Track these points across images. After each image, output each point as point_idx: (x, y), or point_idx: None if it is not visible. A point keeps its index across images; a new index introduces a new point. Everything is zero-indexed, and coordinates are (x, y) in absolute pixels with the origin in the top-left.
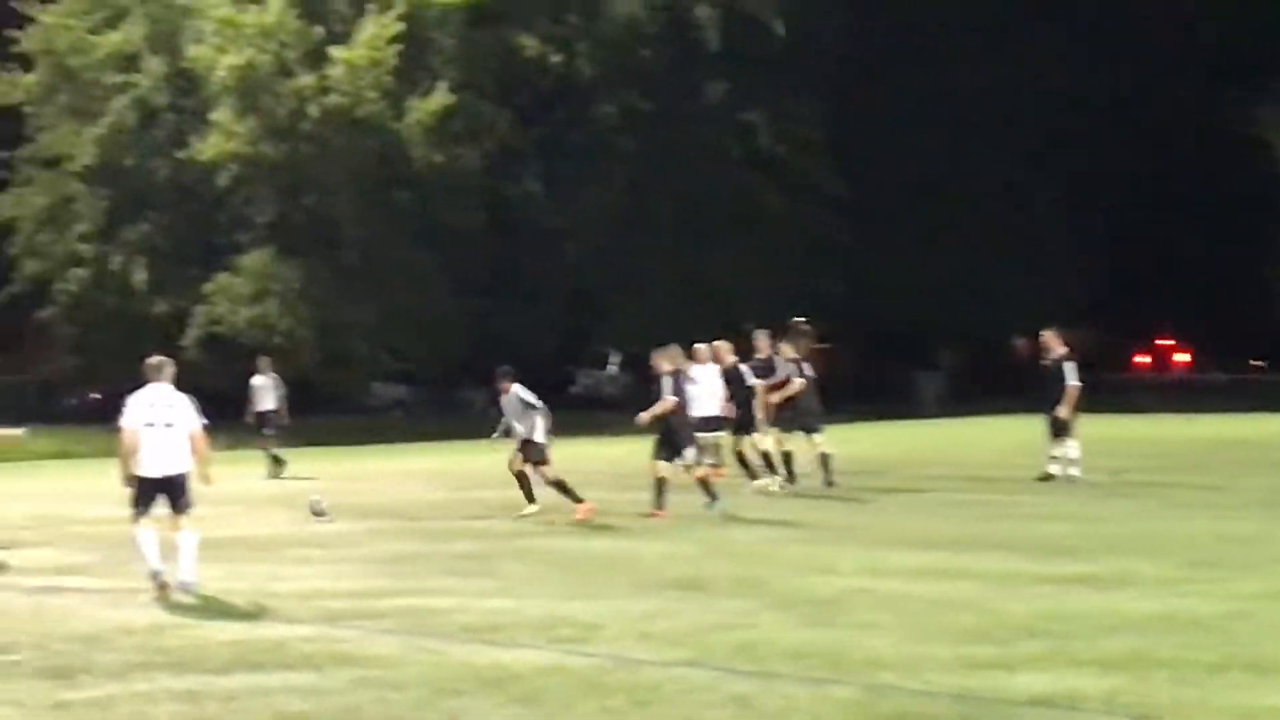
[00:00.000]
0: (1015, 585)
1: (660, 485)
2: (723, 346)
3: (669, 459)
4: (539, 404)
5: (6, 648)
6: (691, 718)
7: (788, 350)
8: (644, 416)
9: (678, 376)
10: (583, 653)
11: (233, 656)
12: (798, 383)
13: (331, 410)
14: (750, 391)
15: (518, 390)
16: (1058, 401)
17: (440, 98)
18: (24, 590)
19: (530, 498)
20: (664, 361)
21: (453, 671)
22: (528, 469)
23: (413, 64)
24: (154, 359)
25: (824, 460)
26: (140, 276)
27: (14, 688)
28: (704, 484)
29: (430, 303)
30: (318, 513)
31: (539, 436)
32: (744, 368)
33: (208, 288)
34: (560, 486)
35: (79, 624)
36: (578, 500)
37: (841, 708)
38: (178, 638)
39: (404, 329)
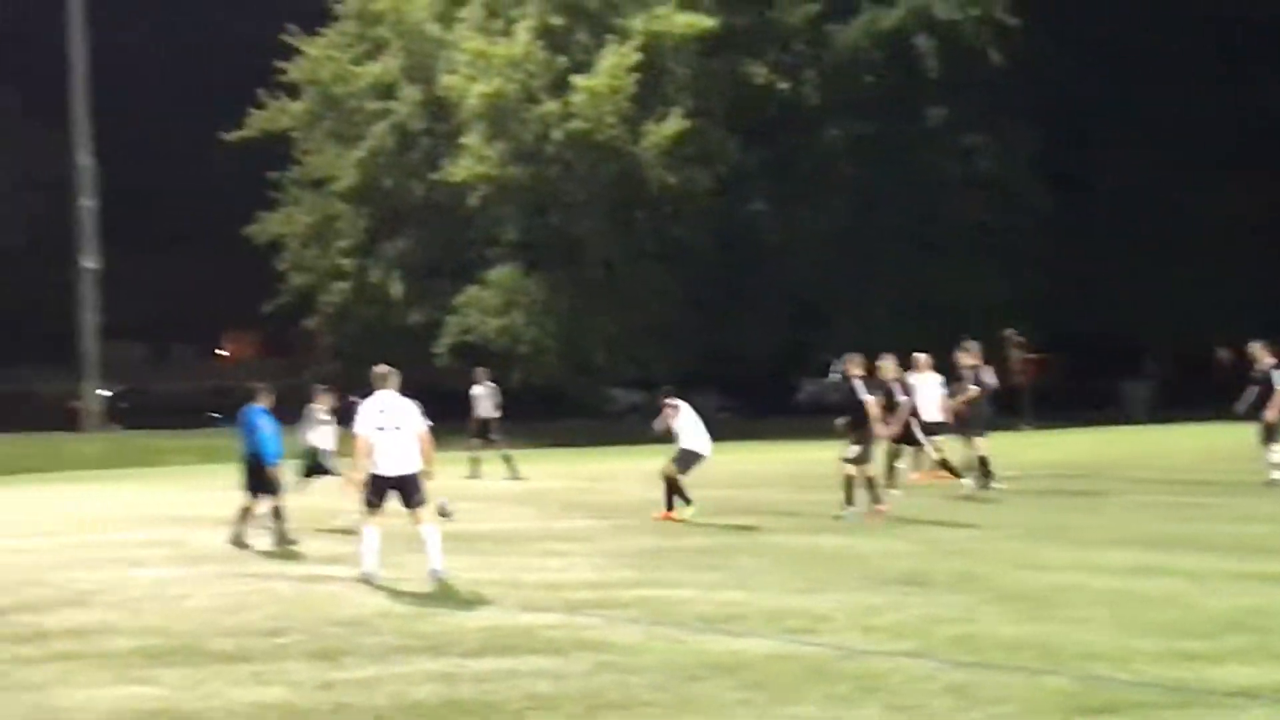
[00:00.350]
0: (1219, 582)
1: (871, 484)
2: (887, 365)
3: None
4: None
5: (278, 631)
6: (913, 705)
7: (966, 359)
8: (880, 430)
9: (868, 381)
10: (811, 642)
11: (484, 641)
12: (973, 389)
13: (574, 414)
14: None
15: (671, 403)
16: (1265, 407)
17: (675, 123)
18: (293, 578)
19: (686, 499)
20: (853, 367)
21: (689, 658)
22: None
23: (649, 91)
24: (380, 368)
25: (983, 462)
26: (397, 289)
27: (285, 668)
28: (848, 485)
29: (665, 314)
30: (444, 514)
31: (700, 448)
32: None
33: (459, 299)
34: (671, 487)
35: (343, 610)
36: (669, 505)
37: (1055, 697)
38: (433, 623)
39: (641, 339)
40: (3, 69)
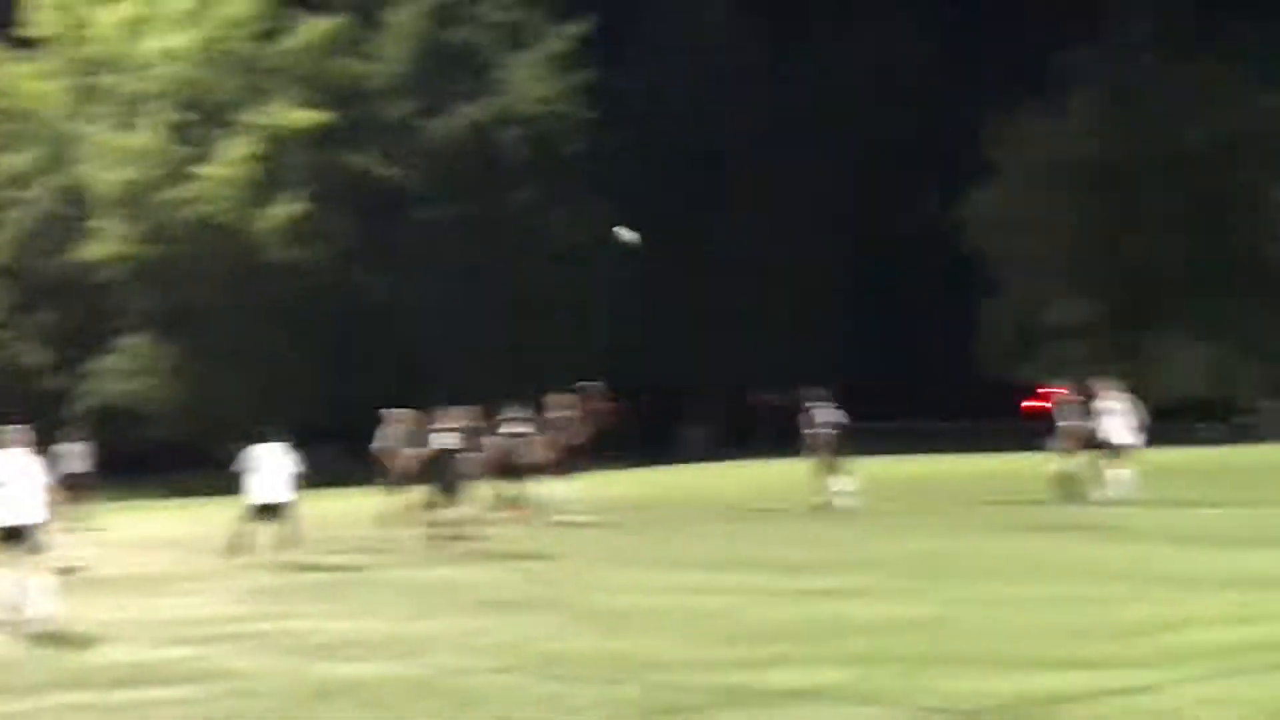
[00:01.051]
0: (767, 597)
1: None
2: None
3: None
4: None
5: None
6: (509, 716)
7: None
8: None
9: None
10: (419, 664)
11: (124, 675)
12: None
13: (205, 465)
14: None
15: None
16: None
17: (292, 205)
18: None
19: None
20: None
21: (309, 683)
22: None
23: (271, 177)
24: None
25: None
26: (38, 357)
27: None
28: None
29: (287, 372)
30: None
31: (262, 496)
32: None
33: (92, 366)
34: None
35: None
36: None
37: (629, 703)
38: (76, 661)
39: (262, 394)
40: None
